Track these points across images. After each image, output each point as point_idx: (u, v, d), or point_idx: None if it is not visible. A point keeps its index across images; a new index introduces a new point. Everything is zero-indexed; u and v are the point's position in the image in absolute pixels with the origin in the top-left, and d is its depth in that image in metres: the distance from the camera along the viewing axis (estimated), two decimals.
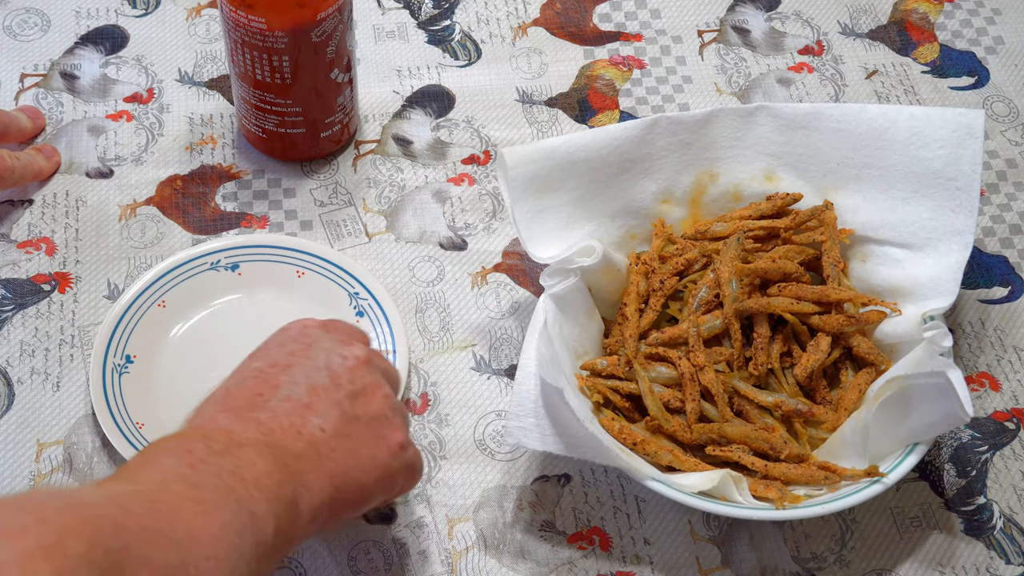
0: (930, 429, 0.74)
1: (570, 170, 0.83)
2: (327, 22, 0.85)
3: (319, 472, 0.62)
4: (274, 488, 0.59)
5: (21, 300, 0.86)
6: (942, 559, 0.78)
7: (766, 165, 0.87)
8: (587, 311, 0.81)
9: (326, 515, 0.63)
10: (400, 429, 0.67)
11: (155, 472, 0.57)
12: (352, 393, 0.66)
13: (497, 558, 0.77)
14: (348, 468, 0.64)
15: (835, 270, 0.82)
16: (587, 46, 1.03)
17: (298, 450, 0.62)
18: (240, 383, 0.65)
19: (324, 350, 0.67)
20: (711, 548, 0.77)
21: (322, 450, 0.63)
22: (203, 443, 0.59)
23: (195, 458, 0.58)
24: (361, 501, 0.66)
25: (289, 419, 0.63)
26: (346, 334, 0.70)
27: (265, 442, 0.61)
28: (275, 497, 0.59)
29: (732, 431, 0.76)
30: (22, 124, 0.93)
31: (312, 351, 0.67)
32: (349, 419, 0.65)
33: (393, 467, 0.66)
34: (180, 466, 0.57)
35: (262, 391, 0.64)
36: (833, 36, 1.05)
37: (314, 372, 0.66)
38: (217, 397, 0.65)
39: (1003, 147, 0.98)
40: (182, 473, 0.57)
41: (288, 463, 0.61)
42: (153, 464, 0.58)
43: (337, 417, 0.64)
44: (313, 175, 0.94)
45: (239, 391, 0.65)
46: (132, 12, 1.03)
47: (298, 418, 0.63)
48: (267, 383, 0.65)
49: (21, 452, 0.80)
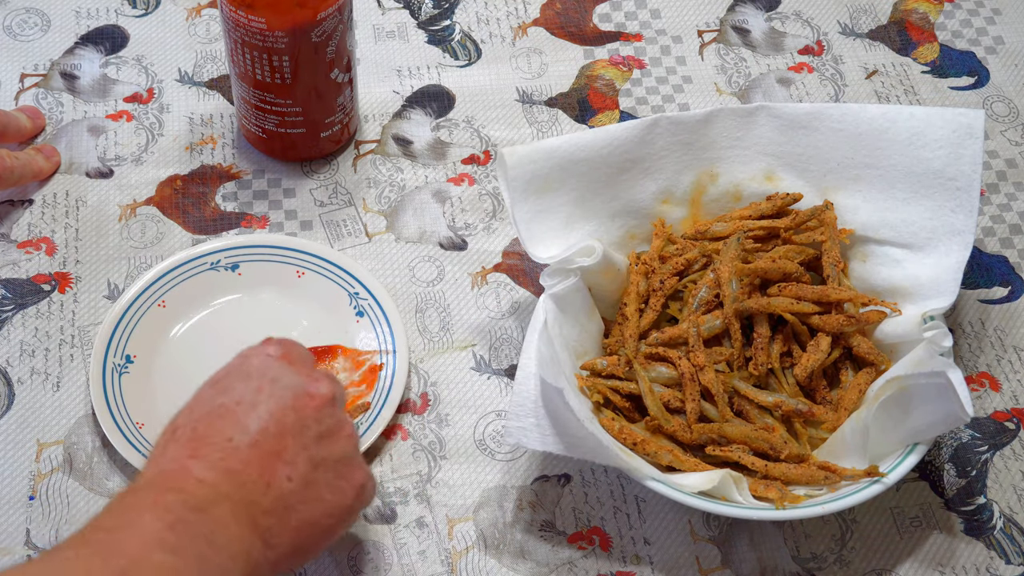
0: (930, 429, 0.74)
1: (570, 170, 0.83)
2: (327, 22, 0.85)
3: (284, 527, 0.62)
4: (243, 552, 0.59)
5: (21, 300, 0.86)
6: (942, 559, 0.78)
7: (766, 165, 0.87)
8: (587, 311, 0.81)
9: (286, 565, 0.64)
10: (361, 466, 0.68)
11: (136, 536, 0.57)
12: (318, 435, 0.65)
13: (497, 558, 0.77)
14: (313, 516, 0.64)
15: (835, 270, 0.82)
16: (587, 46, 1.03)
17: (266, 505, 0.62)
18: (207, 422, 0.64)
19: (290, 387, 0.66)
20: (711, 548, 0.77)
21: (289, 502, 0.63)
22: (179, 497, 0.59)
23: (173, 517, 0.58)
24: (321, 545, 0.66)
25: (259, 469, 0.62)
26: (306, 365, 0.69)
27: (237, 497, 0.61)
28: (244, 560, 0.59)
29: (732, 431, 0.76)
30: (22, 124, 0.93)
31: (278, 387, 0.66)
32: (316, 464, 0.64)
33: (355, 507, 0.67)
34: (159, 527, 0.57)
35: (231, 435, 0.63)
36: (833, 36, 1.05)
37: (281, 413, 0.64)
38: (183, 437, 0.63)
39: (1003, 147, 0.98)
40: (162, 538, 0.57)
41: (257, 520, 0.61)
42: (134, 525, 0.57)
43: (304, 463, 0.64)
44: (313, 175, 0.94)
45: (207, 432, 0.63)
46: (132, 12, 1.03)
47: (268, 468, 0.62)
48: (234, 424, 0.63)
49: (21, 452, 0.80)
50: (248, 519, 0.60)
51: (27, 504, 0.77)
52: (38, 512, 0.77)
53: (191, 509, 0.58)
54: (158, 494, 0.59)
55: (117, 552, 0.56)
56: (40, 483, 0.78)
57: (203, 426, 0.64)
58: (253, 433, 0.63)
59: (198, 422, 0.64)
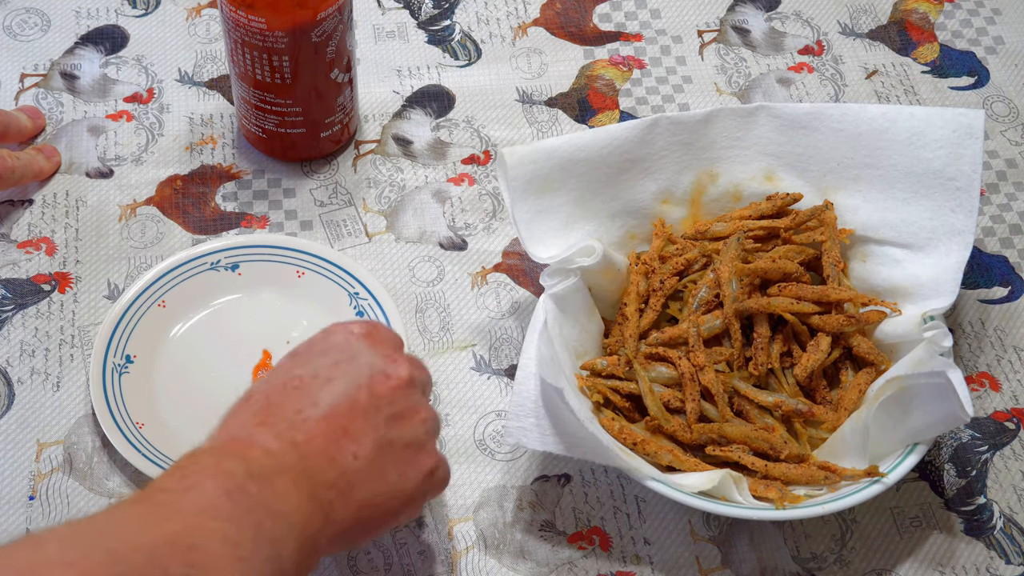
0: (930, 429, 0.74)
1: (570, 170, 0.83)
2: (327, 22, 0.85)
3: (346, 503, 0.62)
4: (301, 523, 0.59)
5: (21, 300, 0.86)
6: (942, 559, 0.78)
7: (766, 165, 0.87)
8: (587, 311, 0.81)
9: (345, 543, 0.64)
10: (432, 453, 0.67)
11: (193, 500, 0.57)
12: (391, 416, 0.65)
13: (497, 558, 0.77)
14: (375, 496, 0.64)
15: (835, 270, 0.82)
16: (587, 46, 1.03)
17: (330, 479, 0.62)
18: (280, 391, 0.64)
19: (368, 366, 0.66)
20: (711, 548, 0.77)
21: (353, 479, 0.62)
22: (242, 465, 0.59)
23: (233, 484, 0.58)
24: (382, 526, 0.66)
25: (324, 443, 0.62)
26: (390, 347, 0.68)
27: (300, 469, 0.61)
28: (301, 532, 0.59)
29: (732, 431, 0.76)
30: (22, 124, 0.93)
31: (355, 365, 0.66)
32: (383, 445, 0.64)
33: (421, 491, 0.66)
34: (218, 493, 0.57)
35: (301, 407, 0.63)
36: (833, 36, 1.05)
37: (355, 390, 0.64)
38: (255, 406, 0.64)
39: (1003, 147, 0.98)
40: (219, 504, 0.57)
41: (318, 494, 0.61)
42: (193, 489, 0.57)
43: (372, 443, 0.64)
44: (313, 175, 0.94)
45: (279, 401, 0.64)
46: (132, 12, 1.03)
47: (333, 443, 0.62)
48: (306, 397, 0.64)
49: (21, 452, 0.80)
50: (309, 491, 0.60)
51: (27, 504, 0.77)
52: (38, 512, 0.77)
53: (252, 478, 0.58)
54: (221, 459, 0.59)
55: (174, 515, 0.56)
56: (40, 483, 0.78)
57: (276, 395, 0.64)
58: (323, 407, 0.63)
59: (271, 391, 0.64)
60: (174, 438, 0.78)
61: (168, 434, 0.79)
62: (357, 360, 0.66)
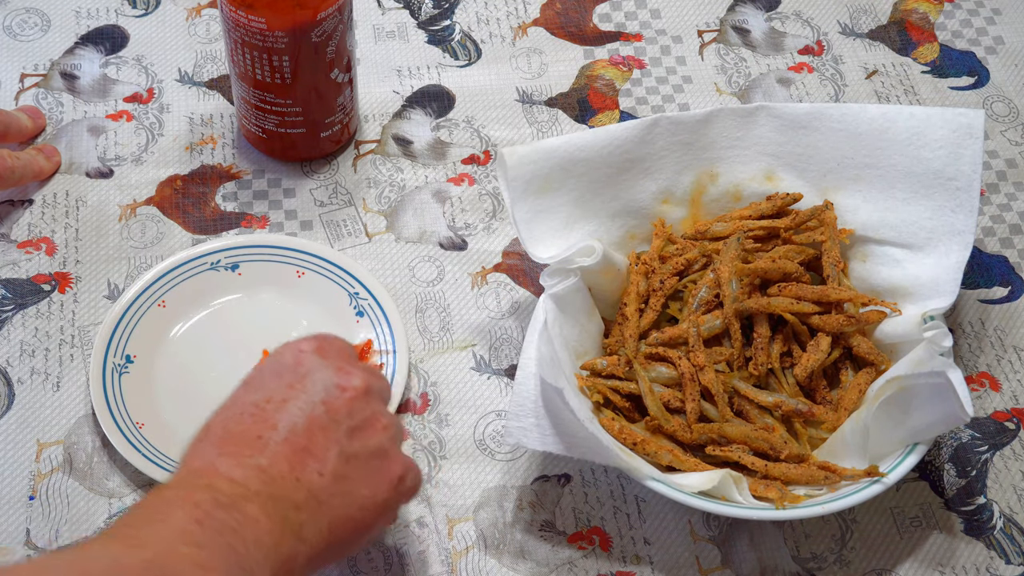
0: (930, 429, 0.74)
1: (570, 170, 0.83)
2: (327, 22, 0.85)
3: (317, 521, 0.62)
4: (273, 547, 0.59)
5: (21, 300, 0.86)
6: (942, 559, 0.78)
7: (766, 165, 0.87)
8: (587, 311, 0.81)
9: (323, 560, 0.63)
10: (397, 460, 0.66)
11: (164, 530, 0.57)
12: (351, 429, 0.65)
13: (497, 558, 0.77)
14: (347, 510, 0.63)
15: (835, 270, 0.82)
16: (587, 46, 1.03)
17: (298, 500, 0.61)
18: (238, 420, 0.64)
19: (321, 381, 0.65)
20: (711, 548, 0.77)
21: (321, 496, 0.62)
22: (208, 494, 0.59)
23: (201, 512, 0.58)
24: (359, 539, 0.65)
25: (288, 465, 0.62)
26: (342, 358, 0.68)
27: (267, 493, 0.60)
28: (274, 555, 0.59)
29: (732, 431, 0.76)
30: (22, 124, 0.93)
31: (308, 383, 0.65)
32: (347, 458, 0.64)
33: (392, 501, 0.66)
34: (187, 522, 0.57)
35: (260, 432, 0.63)
36: (833, 36, 1.05)
37: (311, 408, 0.64)
38: (215, 437, 0.63)
39: (1003, 147, 0.98)
40: (189, 531, 0.57)
41: (288, 516, 0.61)
42: (162, 520, 0.57)
43: (335, 458, 0.63)
44: (313, 175, 0.94)
45: (237, 430, 0.63)
46: (132, 12, 1.03)
47: (297, 463, 0.62)
48: (264, 422, 0.63)
49: (21, 452, 0.80)
50: (279, 514, 0.60)
51: (27, 504, 0.77)
52: (38, 512, 0.77)
53: (220, 506, 0.58)
54: (188, 492, 0.59)
55: (144, 544, 0.56)
56: (40, 483, 0.78)
57: (233, 425, 0.63)
58: (283, 431, 0.63)
59: (228, 421, 0.64)
60: (174, 438, 0.78)
61: (168, 434, 0.79)
62: (310, 377, 0.65)
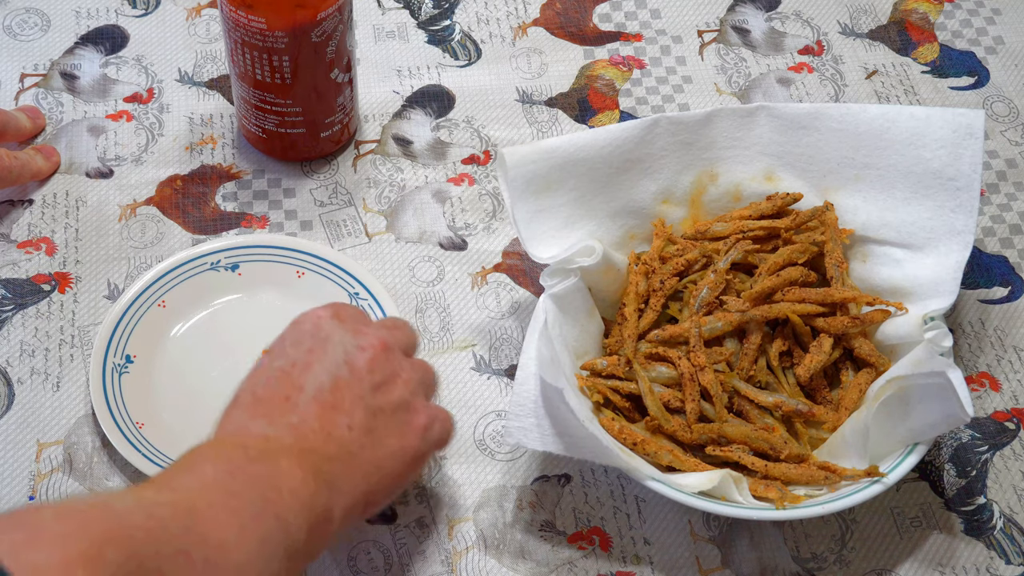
0: (930, 429, 0.74)
1: (570, 170, 0.83)
2: (327, 22, 0.85)
3: (351, 473, 0.64)
4: (308, 498, 0.60)
5: (21, 300, 0.86)
6: (942, 559, 0.78)
7: (766, 165, 0.87)
8: (587, 311, 0.81)
9: (360, 511, 0.65)
10: (420, 411, 0.69)
11: (194, 479, 0.58)
12: (374, 385, 0.67)
13: (497, 558, 0.77)
14: (379, 462, 0.65)
15: (838, 271, 0.82)
16: (587, 46, 1.03)
17: (330, 453, 0.63)
18: (265, 386, 0.66)
19: (340, 343, 0.68)
20: (711, 548, 0.77)
21: (352, 449, 0.64)
22: (241, 451, 0.61)
23: (233, 466, 0.59)
24: (394, 489, 0.68)
25: (319, 421, 0.64)
26: (358, 321, 0.70)
27: (299, 448, 0.62)
28: (309, 506, 0.60)
29: (732, 431, 0.76)
30: (21, 124, 0.93)
31: (329, 346, 0.67)
32: (374, 412, 0.66)
33: (421, 450, 0.68)
34: (219, 474, 0.59)
35: (288, 394, 0.65)
36: (833, 36, 1.05)
37: (335, 368, 0.66)
38: (244, 403, 0.65)
39: (1003, 147, 0.98)
40: (220, 481, 0.58)
41: (321, 468, 0.62)
42: (192, 471, 0.59)
43: (362, 413, 0.66)
44: (313, 175, 0.94)
45: (266, 394, 0.65)
46: (132, 12, 1.03)
47: (327, 420, 0.64)
48: (291, 384, 0.65)
49: (21, 452, 0.80)
50: (312, 467, 0.62)
51: (27, 504, 0.77)
52: None
53: (252, 460, 0.60)
54: (221, 449, 0.61)
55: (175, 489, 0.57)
56: (40, 483, 0.78)
57: (262, 390, 0.66)
58: (310, 391, 0.65)
59: (256, 387, 0.66)
60: (174, 438, 0.78)
61: (168, 434, 0.79)
62: (331, 341, 0.68)
